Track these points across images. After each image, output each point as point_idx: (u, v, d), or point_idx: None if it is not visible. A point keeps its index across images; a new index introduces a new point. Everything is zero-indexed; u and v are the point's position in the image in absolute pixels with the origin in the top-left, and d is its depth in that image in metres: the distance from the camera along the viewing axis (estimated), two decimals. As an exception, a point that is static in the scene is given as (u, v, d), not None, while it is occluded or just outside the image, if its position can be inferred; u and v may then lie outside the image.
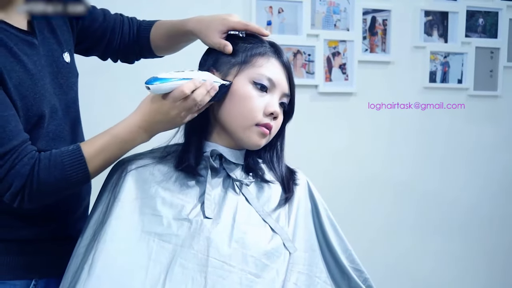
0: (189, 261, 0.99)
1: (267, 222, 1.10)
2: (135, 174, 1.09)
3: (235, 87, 1.10)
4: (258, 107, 1.09)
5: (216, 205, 1.07)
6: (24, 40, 1.09)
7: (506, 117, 2.74)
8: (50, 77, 1.14)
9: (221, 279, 0.99)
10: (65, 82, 1.19)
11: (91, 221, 1.09)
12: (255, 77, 1.10)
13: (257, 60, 1.11)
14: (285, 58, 1.15)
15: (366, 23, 2.46)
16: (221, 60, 1.13)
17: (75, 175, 1.04)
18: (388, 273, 2.51)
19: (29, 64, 1.07)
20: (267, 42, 1.16)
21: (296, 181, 1.20)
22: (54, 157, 1.04)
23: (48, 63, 1.14)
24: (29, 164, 1.01)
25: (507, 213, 2.79)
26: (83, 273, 0.97)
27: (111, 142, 1.06)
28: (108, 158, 1.08)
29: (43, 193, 1.04)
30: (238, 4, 2.24)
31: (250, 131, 1.10)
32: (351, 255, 1.19)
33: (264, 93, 1.11)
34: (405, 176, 2.59)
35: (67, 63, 1.20)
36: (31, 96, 1.07)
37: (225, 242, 1.02)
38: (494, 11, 2.67)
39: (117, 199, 1.05)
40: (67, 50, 1.21)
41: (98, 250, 0.98)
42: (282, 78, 1.13)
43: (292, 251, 1.09)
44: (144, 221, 1.02)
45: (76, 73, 1.27)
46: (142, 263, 0.98)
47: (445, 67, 2.60)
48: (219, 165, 1.13)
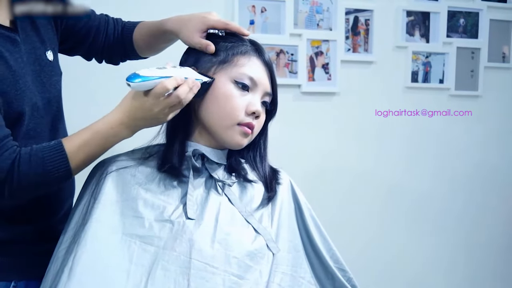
0: (171, 264, 0.98)
1: (250, 222, 1.09)
2: (115, 176, 1.07)
3: (216, 87, 1.09)
4: (239, 107, 1.08)
5: (198, 206, 1.06)
6: (7, 36, 1.08)
7: (487, 117, 2.76)
8: (32, 74, 1.13)
9: (204, 281, 0.98)
10: (48, 80, 1.18)
11: (71, 223, 1.07)
12: (236, 76, 1.09)
13: (239, 59, 1.11)
14: (266, 57, 1.14)
15: (349, 23, 2.46)
16: (202, 59, 1.12)
17: (55, 171, 1.03)
18: (378, 274, 2.52)
19: (11, 61, 1.06)
20: (248, 41, 1.15)
21: (279, 181, 1.20)
22: (35, 152, 1.03)
23: (31, 61, 1.13)
24: (10, 159, 1.00)
25: (492, 211, 2.82)
26: (63, 276, 0.95)
27: (92, 138, 1.05)
28: (90, 154, 1.06)
29: (24, 188, 1.03)
30: (221, 3, 2.23)
31: (232, 130, 1.09)
32: (334, 254, 1.19)
33: (245, 92, 1.10)
34: (388, 175, 2.60)
35: (50, 61, 1.19)
36: (12, 93, 1.06)
37: (208, 244, 1.01)
38: (474, 12, 2.69)
39: (97, 201, 1.03)
40: (50, 49, 1.20)
41: (79, 253, 0.97)
42: (263, 77, 1.12)
43: (275, 252, 1.09)
44: (125, 223, 1.01)
45: (60, 71, 1.26)
46: (124, 266, 0.96)
47: (426, 67, 2.62)
48: (201, 165, 1.12)
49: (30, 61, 1.13)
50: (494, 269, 2.85)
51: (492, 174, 2.81)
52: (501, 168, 2.83)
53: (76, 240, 1.01)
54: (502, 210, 2.85)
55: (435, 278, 2.72)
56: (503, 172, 2.83)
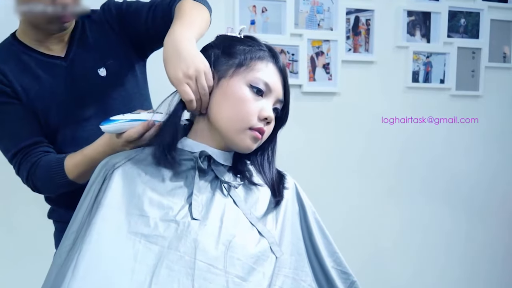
0: (175, 263, 0.97)
1: (255, 225, 1.09)
2: (121, 173, 1.06)
3: (231, 90, 1.09)
4: (253, 111, 1.08)
5: (203, 207, 1.06)
6: (52, 63, 1.34)
7: (487, 116, 2.76)
8: (79, 91, 1.36)
9: (208, 282, 0.97)
10: (101, 94, 1.38)
11: (76, 219, 1.06)
12: (252, 81, 1.09)
13: (256, 64, 1.10)
14: (281, 64, 1.15)
15: (350, 23, 2.46)
16: (219, 60, 1.12)
17: (58, 179, 1.28)
18: (379, 274, 2.52)
19: (48, 83, 1.32)
20: (265, 46, 1.15)
21: (286, 185, 1.19)
22: (50, 161, 1.29)
23: (79, 80, 1.36)
24: (31, 162, 1.30)
25: (487, 212, 2.82)
26: (68, 273, 0.94)
27: (82, 160, 1.25)
28: (83, 171, 1.26)
29: (40, 187, 1.33)
30: (221, 3, 2.22)
31: (243, 134, 1.09)
32: (338, 258, 1.18)
33: (259, 97, 1.10)
34: (389, 175, 2.60)
35: (101, 77, 1.38)
36: (46, 109, 1.32)
37: (212, 245, 1.01)
38: (475, 12, 2.69)
39: (103, 198, 1.02)
40: (103, 66, 1.38)
41: (83, 250, 0.96)
42: (278, 84, 1.13)
43: (278, 256, 1.08)
44: (130, 222, 1.00)
45: (120, 83, 1.41)
46: (128, 265, 0.96)
47: (427, 67, 2.62)
48: (207, 166, 1.12)
49: (77, 80, 1.35)
50: (495, 270, 2.85)
51: (493, 173, 2.81)
52: (502, 167, 2.83)
53: (81, 238, 1.00)
54: (503, 211, 2.85)
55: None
56: (504, 171, 2.83)
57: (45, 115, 1.33)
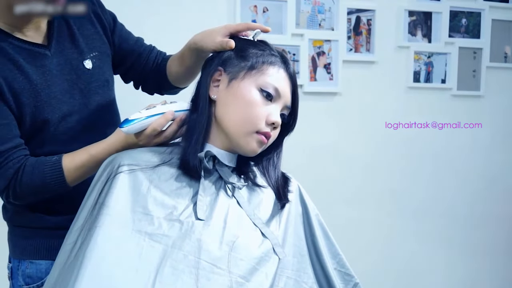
0: (179, 262, 0.97)
1: (258, 226, 1.09)
2: (128, 171, 1.06)
3: (241, 92, 1.09)
4: (261, 115, 1.09)
5: (207, 207, 1.06)
6: (36, 52, 1.19)
7: (489, 117, 2.76)
8: (67, 83, 1.24)
9: (211, 282, 0.98)
10: (86, 87, 1.28)
11: (81, 215, 1.07)
12: (263, 85, 1.09)
13: (267, 68, 1.11)
14: (292, 71, 1.15)
15: (351, 23, 2.46)
16: (231, 61, 1.12)
17: (53, 184, 1.17)
18: (382, 276, 2.52)
19: (34, 75, 1.17)
20: (277, 52, 1.15)
21: (290, 188, 1.20)
22: (38, 164, 1.16)
23: (66, 71, 1.24)
24: (13, 168, 1.14)
25: (485, 212, 2.82)
26: (74, 271, 0.94)
27: (88, 161, 1.17)
28: (85, 173, 1.19)
29: (26, 194, 1.18)
30: (223, 3, 2.22)
31: (250, 137, 1.09)
32: (341, 260, 1.19)
33: (268, 101, 1.10)
34: (391, 175, 2.59)
35: (87, 70, 1.28)
36: (32, 104, 1.17)
37: (216, 245, 1.01)
38: (477, 12, 2.69)
39: (108, 196, 1.02)
40: (89, 58, 1.29)
41: (89, 248, 0.96)
42: (287, 90, 1.13)
43: (281, 257, 1.09)
44: (134, 220, 1.00)
45: (104, 77, 1.33)
46: (132, 263, 0.96)
47: (428, 67, 2.61)
48: (212, 167, 1.12)
49: (65, 71, 1.24)
50: (494, 272, 2.85)
51: (495, 173, 2.81)
52: (504, 167, 2.82)
53: (85, 235, 1.00)
54: (504, 210, 2.85)
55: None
56: (506, 171, 2.83)
57: (31, 109, 1.17)
